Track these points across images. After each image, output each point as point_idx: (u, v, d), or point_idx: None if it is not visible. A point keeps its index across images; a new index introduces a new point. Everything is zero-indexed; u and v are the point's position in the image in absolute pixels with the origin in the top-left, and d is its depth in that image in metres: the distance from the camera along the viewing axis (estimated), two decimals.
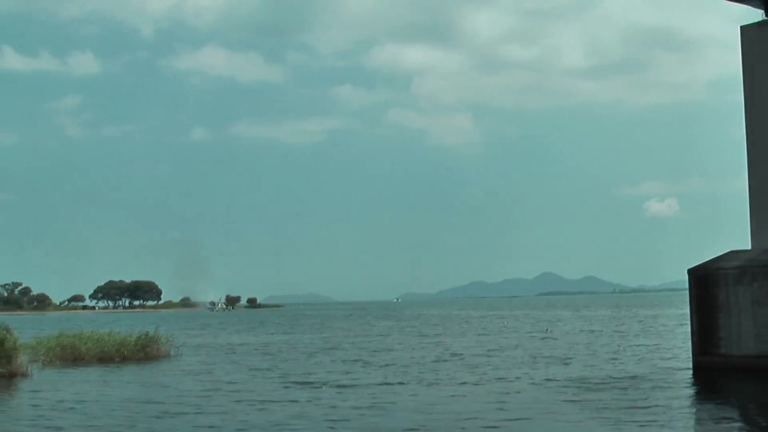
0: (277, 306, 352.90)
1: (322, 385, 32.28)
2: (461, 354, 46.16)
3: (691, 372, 31.90)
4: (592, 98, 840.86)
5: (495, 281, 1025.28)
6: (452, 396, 28.24)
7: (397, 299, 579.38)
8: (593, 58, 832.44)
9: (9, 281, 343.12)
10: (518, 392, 28.74)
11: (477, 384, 31.38)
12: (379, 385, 31.71)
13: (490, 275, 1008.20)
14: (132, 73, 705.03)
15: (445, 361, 42.13)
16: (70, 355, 46.19)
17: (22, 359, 39.82)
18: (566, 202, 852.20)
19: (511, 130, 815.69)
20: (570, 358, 41.24)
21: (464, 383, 31.59)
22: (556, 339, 58.39)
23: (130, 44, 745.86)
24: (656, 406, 24.59)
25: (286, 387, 31.96)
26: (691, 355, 32.83)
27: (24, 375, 38.34)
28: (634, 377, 31.89)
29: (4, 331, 38.29)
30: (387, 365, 40.25)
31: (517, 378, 33.01)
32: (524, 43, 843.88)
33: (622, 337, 59.27)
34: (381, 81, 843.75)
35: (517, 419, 22.94)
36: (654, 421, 21.98)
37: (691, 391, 28.93)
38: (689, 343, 33.17)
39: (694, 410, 24.86)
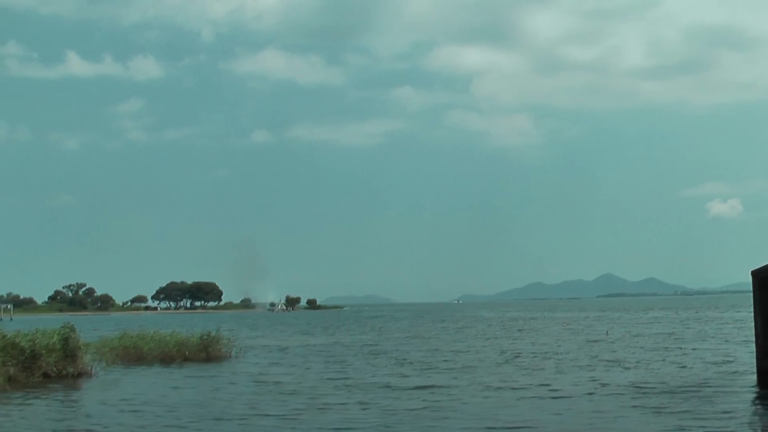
0: (337, 307, 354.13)
1: (385, 386, 32.31)
2: (519, 356, 45.94)
3: (755, 377, 31.33)
4: (654, 99, 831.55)
5: (554, 283, 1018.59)
6: (509, 400, 27.98)
7: (458, 300, 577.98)
8: (655, 58, 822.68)
9: (74, 282, 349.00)
10: (577, 396, 28.36)
11: (535, 387, 31.09)
12: (436, 387, 31.56)
13: (549, 277, 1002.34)
14: (193, 76, 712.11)
15: (503, 363, 41.84)
16: (133, 355, 46.82)
17: (87, 359, 40.46)
18: (627, 203, 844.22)
19: (571, 131, 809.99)
20: (630, 362, 40.69)
21: (522, 387, 31.32)
22: (615, 342, 57.74)
23: (190, 48, 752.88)
24: (720, 412, 24.07)
25: (343, 389, 31.96)
26: (755, 360, 32.26)
27: (88, 374, 38.96)
28: (696, 382, 31.38)
29: (69, 331, 38.94)
30: (444, 368, 40.07)
31: (576, 382, 32.61)
32: (585, 43, 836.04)
33: (683, 340, 58.42)
34: (440, 83, 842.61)
35: (575, 425, 22.66)
36: (719, 428, 21.56)
37: (755, 397, 28.41)
38: (753, 347, 32.59)
39: (758, 417, 24.41)
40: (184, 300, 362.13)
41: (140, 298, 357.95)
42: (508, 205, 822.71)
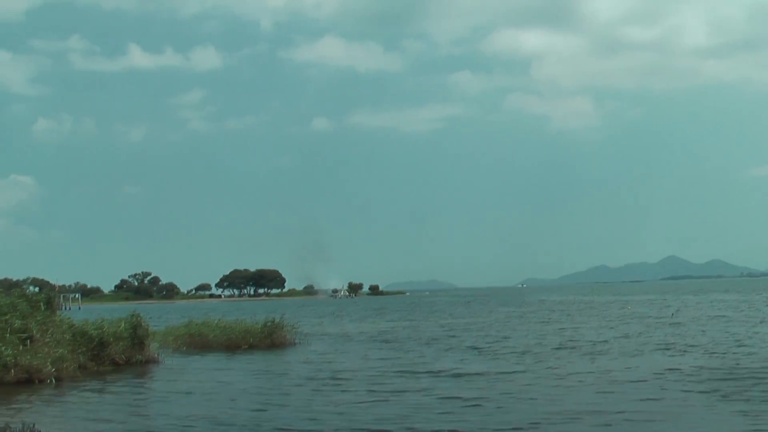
0: (399, 293, 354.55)
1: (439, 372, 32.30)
2: (582, 340, 45.44)
3: None
4: (716, 78, 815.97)
5: (617, 266, 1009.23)
6: (572, 386, 27.73)
7: (523, 285, 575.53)
8: (717, 37, 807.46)
9: (139, 271, 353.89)
10: (641, 381, 28.06)
11: (598, 372, 30.76)
12: (497, 373, 31.40)
13: (612, 260, 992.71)
14: (253, 66, 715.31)
15: (566, 348, 41.42)
16: (199, 343, 47.43)
17: (153, 346, 41.06)
18: (691, 184, 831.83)
19: (632, 112, 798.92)
20: (697, 345, 40.09)
21: (586, 372, 31.02)
22: (681, 325, 57.02)
23: (250, 38, 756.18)
24: None
25: (403, 376, 31.90)
26: None
27: (155, 361, 39.54)
28: (763, 366, 30.98)
29: (137, 319, 39.54)
30: (506, 353, 39.89)
31: (641, 366, 32.24)
32: (645, 23, 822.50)
33: (751, 322, 57.61)
34: (499, 66, 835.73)
35: (639, 411, 22.35)
36: None
37: None
38: None
39: None
40: (248, 287, 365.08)
41: (204, 286, 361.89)
42: (570, 188, 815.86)
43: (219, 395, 28.27)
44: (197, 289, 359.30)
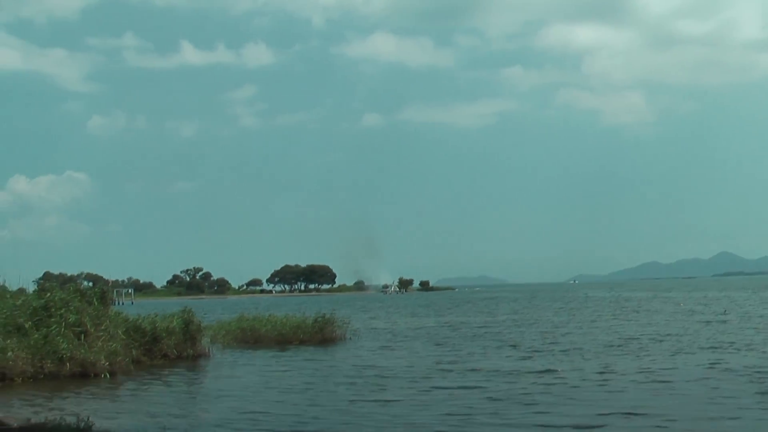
0: (449, 288, 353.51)
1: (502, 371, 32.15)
2: (633, 338, 44.80)
3: None
4: None
5: (669, 262, 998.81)
6: (622, 384, 27.28)
7: (574, 281, 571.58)
8: None
9: (191, 266, 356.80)
10: (693, 381, 27.58)
11: (649, 371, 30.25)
12: (545, 371, 31.02)
13: (664, 256, 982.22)
14: (304, 62, 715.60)
15: (615, 346, 40.86)
16: (250, 338, 47.70)
17: (205, 341, 41.42)
18: (744, 179, 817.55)
19: (685, 107, 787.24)
20: (749, 344, 39.42)
21: (635, 371, 30.53)
22: (733, 322, 56.26)
23: (301, 34, 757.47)
24: None
25: (452, 373, 31.74)
26: None
27: (206, 356, 39.88)
28: None
29: (189, 314, 39.91)
30: (555, 350, 39.51)
31: (693, 365, 31.75)
32: (698, 17, 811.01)
33: None
34: (551, 61, 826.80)
35: (691, 411, 21.96)
36: None
37: None
38: None
39: None
40: (299, 283, 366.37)
41: (255, 282, 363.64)
42: (621, 184, 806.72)
43: (267, 391, 28.47)
44: (248, 284, 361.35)
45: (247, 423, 22.04)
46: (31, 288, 40.33)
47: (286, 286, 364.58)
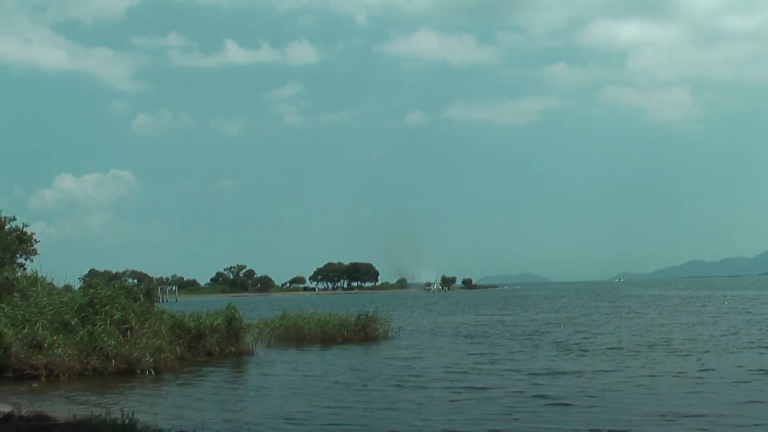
0: (492, 287, 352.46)
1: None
2: (676, 338, 44.08)
3: None
4: None
5: (714, 260, 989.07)
6: (665, 386, 26.86)
7: (619, 279, 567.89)
8: None
9: (235, 264, 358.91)
10: (740, 381, 27.01)
11: (693, 371, 29.85)
12: (589, 372, 30.61)
13: (708, 254, 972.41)
14: (348, 60, 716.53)
15: (659, 345, 40.29)
16: (294, 335, 47.80)
17: (248, 339, 41.56)
18: None
19: (732, 103, 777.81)
20: None
21: (679, 371, 30.08)
22: None
23: (345, 32, 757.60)
24: None
25: (492, 373, 31.42)
26: None
27: (249, 353, 40.01)
28: None
29: (233, 312, 40.07)
30: (598, 350, 39.01)
31: (738, 365, 31.19)
32: (744, 12, 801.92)
33: None
34: (595, 58, 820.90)
35: (739, 414, 21.45)
36: None
37: None
38: None
39: None
40: (341, 281, 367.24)
41: (298, 279, 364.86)
42: (666, 181, 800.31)
43: (309, 389, 28.45)
44: (291, 282, 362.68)
45: (287, 422, 22.07)
46: (77, 285, 40.67)
47: (329, 284, 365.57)
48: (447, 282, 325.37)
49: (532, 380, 28.89)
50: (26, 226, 61.91)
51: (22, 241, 60.75)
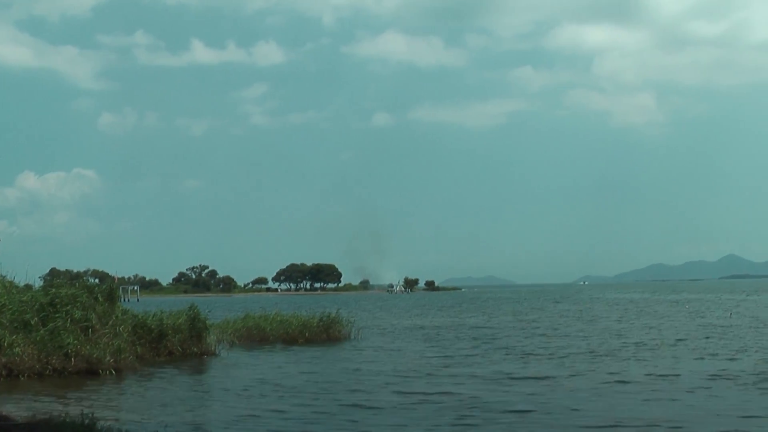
0: (455, 289, 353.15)
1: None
2: (637, 343, 44.10)
3: None
4: None
5: (676, 264, 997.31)
6: (623, 393, 26.53)
7: (584, 282, 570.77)
8: None
9: (197, 264, 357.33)
10: (697, 388, 26.83)
11: (652, 377, 29.77)
12: (545, 377, 30.18)
13: (671, 258, 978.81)
14: (315, 61, 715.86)
15: (620, 350, 40.19)
16: (256, 336, 47.75)
17: (211, 339, 41.44)
18: (754, 181, 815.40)
19: (697, 108, 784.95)
20: (755, 348, 39.39)
21: (640, 377, 29.91)
22: (739, 326, 56.01)
23: (312, 33, 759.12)
24: None
25: (449, 377, 31.17)
26: None
27: (212, 354, 39.90)
28: None
29: (195, 312, 39.94)
30: (556, 354, 38.81)
31: (698, 370, 31.31)
32: (711, 18, 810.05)
33: None
34: (561, 62, 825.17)
35: (694, 421, 21.31)
36: None
37: None
38: None
39: None
40: (304, 281, 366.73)
41: (261, 280, 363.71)
42: (630, 185, 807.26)
43: (271, 390, 28.46)
44: (254, 282, 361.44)
45: (248, 421, 22.09)
46: (38, 284, 40.37)
47: (291, 284, 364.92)
48: (410, 284, 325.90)
49: (486, 385, 28.51)
50: None
51: None
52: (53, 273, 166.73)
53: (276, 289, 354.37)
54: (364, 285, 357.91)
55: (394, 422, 21.94)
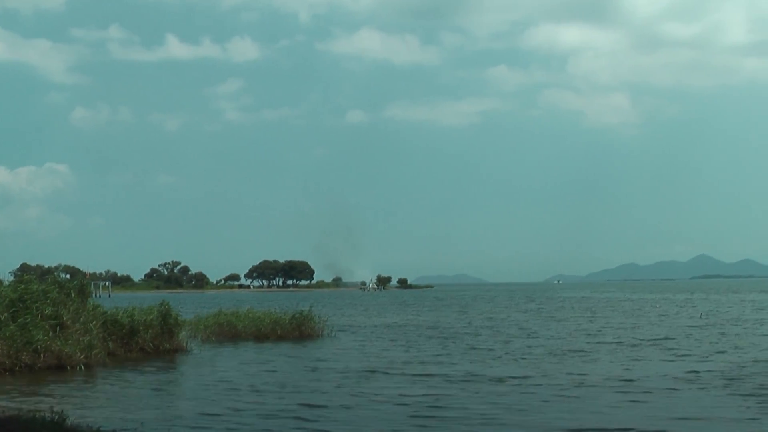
0: (428, 287, 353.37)
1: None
2: (609, 342, 44.15)
3: None
4: (756, 75, 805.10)
5: (647, 264, 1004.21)
6: (590, 395, 26.14)
7: (558, 281, 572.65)
8: (758, 34, 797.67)
9: (169, 260, 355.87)
10: (665, 389, 26.66)
11: (620, 379, 29.36)
12: (511, 378, 29.74)
13: (642, 257, 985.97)
14: (290, 57, 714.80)
15: (590, 351, 39.92)
16: (228, 333, 47.65)
17: (182, 335, 41.30)
18: (725, 182, 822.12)
19: (670, 109, 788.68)
20: (725, 348, 39.66)
21: (604, 379, 29.62)
22: (710, 326, 56.38)
23: (288, 29, 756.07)
24: None
25: (406, 374, 31.13)
26: None
27: (183, 350, 39.77)
28: None
29: (167, 308, 39.79)
30: (525, 354, 38.60)
31: (668, 371, 31.11)
32: (685, 19, 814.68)
33: None
34: (536, 62, 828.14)
35: (663, 423, 21.08)
36: None
37: None
38: None
39: None
40: (277, 278, 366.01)
41: (233, 277, 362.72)
42: (603, 185, 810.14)
43: (243, 386, 28.42)
44: (226, 279, 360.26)
45: (216, 419, 22.02)
46: (8, 279, 40.06)
47: (264, 281, 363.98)
48: (382, 281, 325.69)
49: (449, 385, 28.11)
50: None
51: None
52: (24, 268, 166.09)
53: (248, 286, 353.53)
54: (337, 282, 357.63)
55: (346, 422, 21.74)
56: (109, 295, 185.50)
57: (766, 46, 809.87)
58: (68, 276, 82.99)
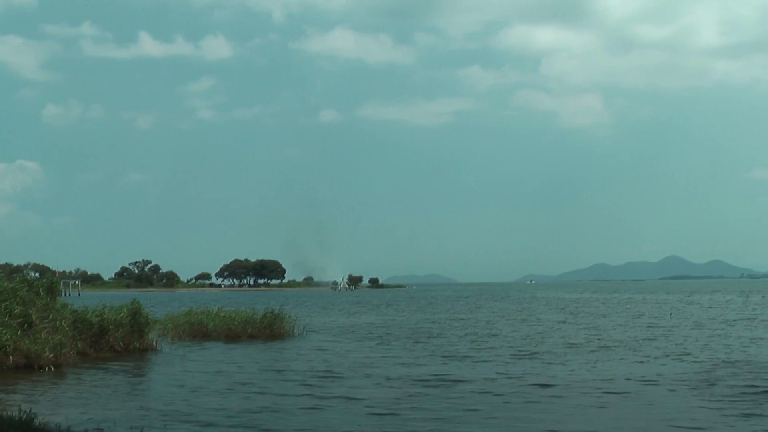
0: (399, 286, 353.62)
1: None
2: (578, 343, 44.02)
3: None
4: (727, 78, 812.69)
5: (618, 264, 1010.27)
6: (555, 398, 25.71)
7: (531, 281, 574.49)
8: (729, 37, 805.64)
9: (140, 259, 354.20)
10: (635, 392, 26.38)
11: (592, 380, 29.36)
12: (480, 380, 29.43)
13: (613, 258, 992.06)
14: (263, 56, 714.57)
15: (556, 352, 39.75)
16: (198, 332, 47.52)
17: (153, 334, 41.12)
18: (695, 184, 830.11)
19: (642, 111, 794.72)
20: (692, 349, 39.77)
21: (569, 381, 29.43)
22: (678, 327, 56.56)
23: (261, 28, 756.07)
24: None
25: (370, 377, 30.84)
26: None
27: (153, 350, 39.62)
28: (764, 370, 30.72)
29: (137, 307, 39.59)
30: (493, 355, 38.35)
31: (635, 373, 30.98)
32: (657, 22, 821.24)
33: (754, 324, 57.61)
34: (510, 62, 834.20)
35: (629, 425, 21.17)
36: None
37: None
38: None
39: None
40: (248, 277, 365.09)
41: (204, 275, 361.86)
42: (575, 185, 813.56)
43: (213, 386, 28.34)
44: (197, 278, 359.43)
45: (184, 418, 21.93)
46: None
47: (235, 280, 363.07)
48: (354, 281, 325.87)
49: (412, 387, 27.71)
50: None
51: None
52: None
53: (219, 285, 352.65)
54: (308, 282, 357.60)
55: (309, 422, 21.59)
56: (79, 294, 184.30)
57: (737, 48, 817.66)
58: (37, 274, 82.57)
